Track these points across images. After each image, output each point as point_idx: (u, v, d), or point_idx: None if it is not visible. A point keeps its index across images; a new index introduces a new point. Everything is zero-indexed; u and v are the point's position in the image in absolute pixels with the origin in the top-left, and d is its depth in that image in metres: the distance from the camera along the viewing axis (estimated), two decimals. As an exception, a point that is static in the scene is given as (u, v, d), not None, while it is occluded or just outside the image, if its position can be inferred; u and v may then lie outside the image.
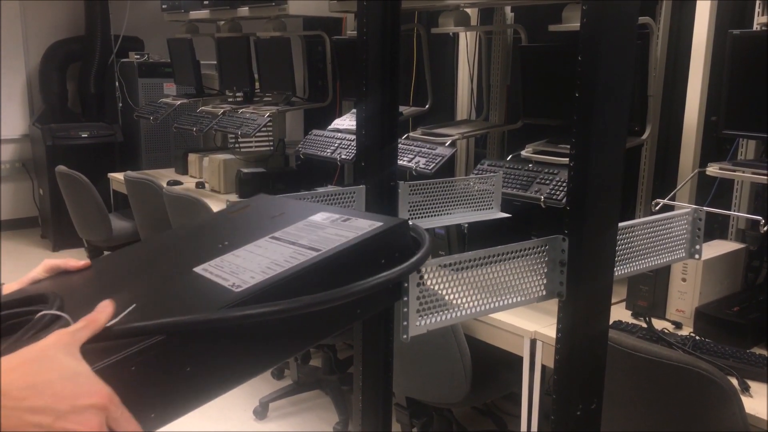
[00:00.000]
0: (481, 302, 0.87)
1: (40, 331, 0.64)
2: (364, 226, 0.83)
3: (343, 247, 0.78)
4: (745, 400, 1.54)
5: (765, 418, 1.54)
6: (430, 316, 0.82)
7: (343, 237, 0.81)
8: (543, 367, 2.01)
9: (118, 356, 0.62)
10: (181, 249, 0.97)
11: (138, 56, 5.21)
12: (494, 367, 2.35)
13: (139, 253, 1.00)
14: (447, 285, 0.84)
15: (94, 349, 0.61)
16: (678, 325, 2.02)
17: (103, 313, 0.65)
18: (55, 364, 0.57)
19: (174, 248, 0.98)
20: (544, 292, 0.93)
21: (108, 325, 0.65)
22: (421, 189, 1.41)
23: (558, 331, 0.94)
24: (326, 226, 0.87)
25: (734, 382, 1.59)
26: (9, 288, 0.89)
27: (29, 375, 0.55)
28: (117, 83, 5.29)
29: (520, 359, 2.04)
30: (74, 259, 0.93)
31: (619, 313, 2.10)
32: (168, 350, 0.65)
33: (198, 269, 0.82)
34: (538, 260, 0.91)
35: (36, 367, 0.56)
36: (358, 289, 0.73)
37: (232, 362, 0.70)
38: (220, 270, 0.80)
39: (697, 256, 1.17)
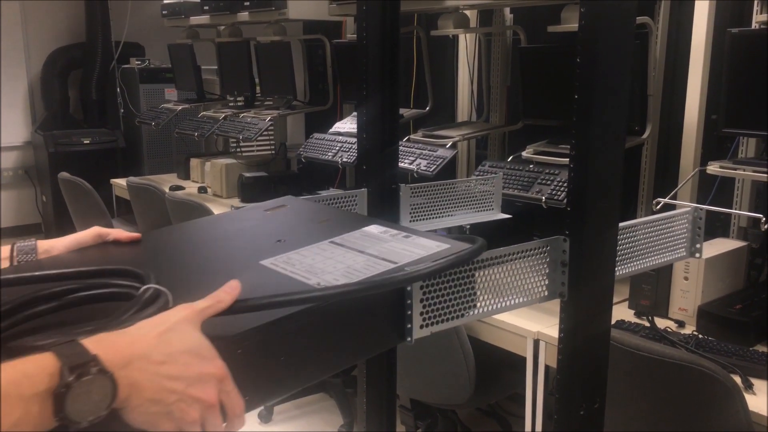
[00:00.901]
0: (483, 304, 0.87)
1: (148, 305, 0.68)
2: (431, 245, 0.85)
3: (421, 261, 0.80)
4: (749, 398, 1.54)
5: (768, 415, 1.54)
6: (434, 318, 0.82)
7: (413, 253, 0.83)
8: (546, 367, 2.01)
9: (231, 336, 0.66)
10: (231, 238, 0.99)
11: (139, 62, 5.22)
12: (498, 368, 2.35)
13: (186, 235, 1.01)
14: (450, 287, 0.85)
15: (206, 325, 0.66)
16: (681, 324, 2.02)
17: (230, 294, 0.69)
18: (186, 336, 0.62)
19: (223, 236, 0.99)
20: (546, 293, 0.93)
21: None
22: (422, 191, 1.41)
23: (560, 331, 0.94)
24: (388, 240, 0.89)
25: (737, 380, 1.60)
26: (48, 245, 0.90)
27: (166, 344, 0.60)
28: (118, 89, 5.31)
29: (524, 360, 2.04)
30: (123, 230, 0.94)
31: (622, 312, 2.10)
32: (269, 338, 0.69)
33: (265, 263, 0.84)
34: (539, 261, 0.92)
35: (170, 337, 0.61)
36: (447, 264, 0.79)
37: (316, 356, 0.74)
38: (292, 267, 0.82)
39: (697, 255, 1.17)
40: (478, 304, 0.85)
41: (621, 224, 1.00)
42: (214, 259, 0.90)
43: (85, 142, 5.20)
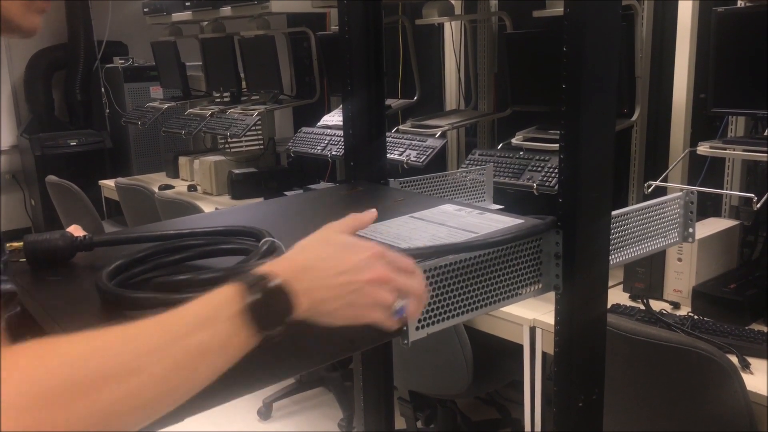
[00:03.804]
0: (476, 302, 0.86)
1: (264, 255, 0.78)
2: (506, 220, 0.91)
3: (503, 232, 0.86)
4: (746, 378, 1.54)
5: (766, 394, 1.54)
6: (430, 318, 0.81)
7: (491, 226, 0.89)
8: (544, 353, 2.01)
9: None
10: (316, 212, 1.07)
11: (122, 61, 5.16)
12: (495, 356, 2.35)
13: (273, 209, 1.11)
14: (444, 285, 0.84)
15: None
16: (676, 306, 2.02)
17: (368, 215, 0.77)
18: (332, 240, 0.71)
19: (308, 209, 1.08)
20: (541, 286, 0.92)
21: None
22: (412, 185, 1.39)
23: (556, 323, 0.93)
24: (464, 216, 0.95)
25: (734, 360, 1.60)
26: None
27: (319, 251, 0.69)
28: (103, 89, 5.25)
29: (521, 347, 2.04)
30: None
31: (617, 295, 2.10)
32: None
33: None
34: (532, 255, 0.91)
35: (320, 246, 0.70)
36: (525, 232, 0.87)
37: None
38: (381, 235, 0.89)
39: (690, 240, 1.16)
40: (472, 303, 0.84)
41: (613, 212, 0.99)
42: (306, 226, 0.98)
43: (71, 143, 5.15)
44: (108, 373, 0.54)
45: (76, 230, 0.98)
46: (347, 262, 0.68)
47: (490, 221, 0.92)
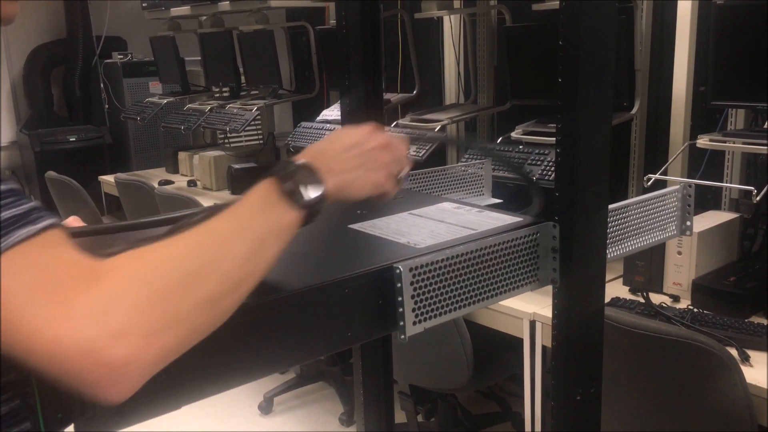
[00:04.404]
0: (473, 296, 0.86)
1: None
2: (504, 218, 0.92)
3: (502, 230, 0.88)
4: (746, 370, 1.54)
5: (766, 387, 1.54)
6: (427, 313, 0.81)
7: (490, 223, 0.90)
8: (543, 347, 2.01)
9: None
10: None
11: (121, 56, 5.15)
12: (495, 350, 2.35)
13: None
14: (441, 280, 0.84)
15: None
16: (676, 299, 2.02)
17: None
18: (336, 131, 0.83)
19: None
20: (538, 280, 0.92)
21: None
22: (411, 179, 1.39)
23: (554, 317, 0.93)
24: (463, 214, 0.97)
25: (734, 353, 1.60)
26: None
27: (327, 139, 0.81)
28: (102, 85, 5.24)
29: (521, 341, 2.04)
30: None
31: (617, 289, 2.10)
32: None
33: (354, 226, 0.92)
34: (529, 248, 0.91)
35: (328, 136, 0.81)
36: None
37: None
38: (380, 231, 0.90)
39: (688, 233, 1.16)
40: (469, 297, 0.84)
41: (611, 206, 0.99)
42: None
43: (71, 139, 5.15)
44: (204, 262, 0.62)
45: (75, 221, 0.98)
46: (353, 139, 0.79)
47: (489, 219, 0.92)
